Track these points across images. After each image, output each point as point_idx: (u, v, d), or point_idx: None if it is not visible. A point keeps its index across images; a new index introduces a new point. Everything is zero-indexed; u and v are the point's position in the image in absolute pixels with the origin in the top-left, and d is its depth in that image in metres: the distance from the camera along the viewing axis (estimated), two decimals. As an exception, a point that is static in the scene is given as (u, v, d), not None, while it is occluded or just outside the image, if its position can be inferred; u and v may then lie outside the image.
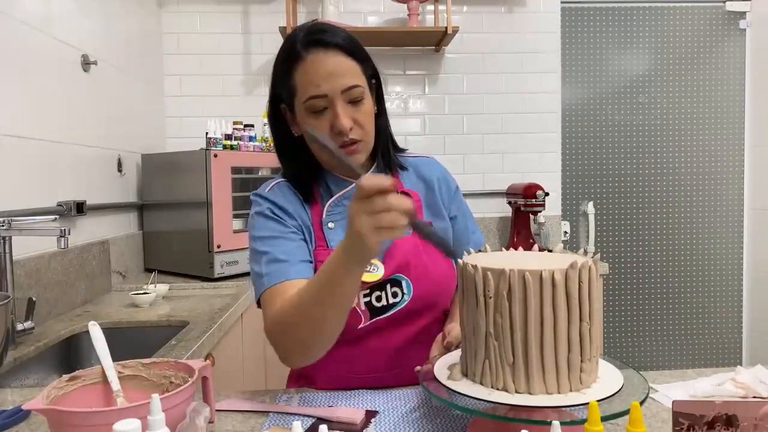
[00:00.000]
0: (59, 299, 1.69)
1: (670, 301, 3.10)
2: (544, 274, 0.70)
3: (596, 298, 0.75)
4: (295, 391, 1.01)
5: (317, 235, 1.07)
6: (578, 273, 0.72)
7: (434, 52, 2.90)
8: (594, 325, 0.74)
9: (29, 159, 1.61)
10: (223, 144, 2.29)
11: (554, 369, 0.72)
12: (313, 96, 0.97)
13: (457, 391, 0.74)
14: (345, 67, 0.98)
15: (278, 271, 0.99)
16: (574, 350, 0.72)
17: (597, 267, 0.76)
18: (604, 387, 0.74)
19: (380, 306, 1.04)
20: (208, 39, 2.81)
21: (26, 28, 1.61)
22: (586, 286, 0.73)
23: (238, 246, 2.18)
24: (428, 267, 1.07)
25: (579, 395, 0.72)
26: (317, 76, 0.97)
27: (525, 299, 0.71)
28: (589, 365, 0.74)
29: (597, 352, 0.76)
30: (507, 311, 0.72)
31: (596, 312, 0.75)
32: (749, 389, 0.90)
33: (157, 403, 0.62)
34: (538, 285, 0.71)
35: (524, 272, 0.71)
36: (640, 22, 3.03)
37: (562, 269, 0.71)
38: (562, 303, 0.71)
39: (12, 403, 1.00)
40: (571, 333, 0.72)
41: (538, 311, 0.71)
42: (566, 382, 0.72)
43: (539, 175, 2.89)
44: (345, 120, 0.97)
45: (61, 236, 1.33)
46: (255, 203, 1.09)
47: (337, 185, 1.10)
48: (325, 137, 0.90)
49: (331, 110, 0.98)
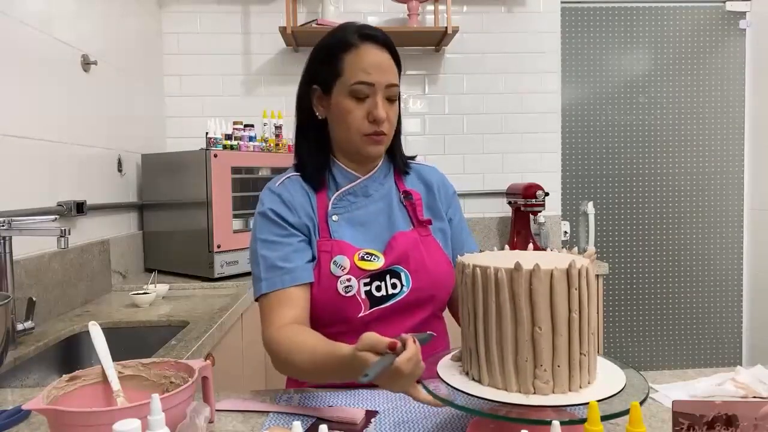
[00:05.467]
0: (59, 299, 1.69)
1: (670, 301, 3.09)
2: (527, 271, 0.71)
3: (589, 299, 0.74)
4: (295, 391, 1.02)
5: (321, 226, 1.11)
6: (568, 274, 0.71)
7: (434, 52, 2.90)
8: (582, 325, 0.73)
9: (29, 159, 1.61)
10: (223, 144, 2.29)
11: (551, 367, 0.72)
12: (361, 81, 1.04)
13: (458, 389, 0.75)
14: (390, 66, 1.07)
15: (276, 279, 1.05)
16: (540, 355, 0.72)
17: (592, 269, 0.75)
18: (605, 387, 0.74)
19: (380, 296, 1.07)
20: (208, 39, 2.81)
21: (26, 28, 1.61)
22: (569, 289, 0.72)
23: (238, 246, 2.18)
24: (426, 261, 1.11)
25: (578, 395, 0.72)
26: (369, 65, 1.04)
27: (497, 296, 0.73)
28: (546, 374, 0.72)
29: (562, 359, 0.73)
30: (493, 309, 0.73)
31: (574, 314, 0.73)
32: (749, 389, 0.90)
33: (157, 403, 0.62)
34: (509, 281, 0.72)
35: (499, 269, 0.72)
36: (640, 22, 3.03)
37: (554, 268, 0.71)
38: (543, 304, 0.71)
39: (12, 403, 1.00)
40: (533, 336, 0.72)
41: (527, 309, 0.71)
42: (560, 381, 0.72)
43: (539, 175, 2.89)
44: (384, 111, 1.05)
45: (61, 236, 1.33)
46: (260, 202, 1.13)
47: (344, 178, 1.14)
48: (379, 365, 0.76)
49: (372, 99, 1.05)
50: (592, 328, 0.75)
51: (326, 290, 1.06)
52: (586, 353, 0.74)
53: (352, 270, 1.06)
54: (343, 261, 1.06)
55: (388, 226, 1.13)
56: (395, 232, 1.12)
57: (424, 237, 1.13)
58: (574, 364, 0.73)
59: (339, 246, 1.08)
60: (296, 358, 0.95)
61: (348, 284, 1.05)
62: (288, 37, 2.63)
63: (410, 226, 1.14)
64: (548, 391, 0.72)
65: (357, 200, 1.13)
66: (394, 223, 1.13)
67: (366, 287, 1.07)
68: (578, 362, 0.73)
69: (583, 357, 0.74)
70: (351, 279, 1.06)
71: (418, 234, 1.13)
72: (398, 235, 1.11)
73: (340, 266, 1.06)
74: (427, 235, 1.14)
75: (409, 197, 1.16)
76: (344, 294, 1.05)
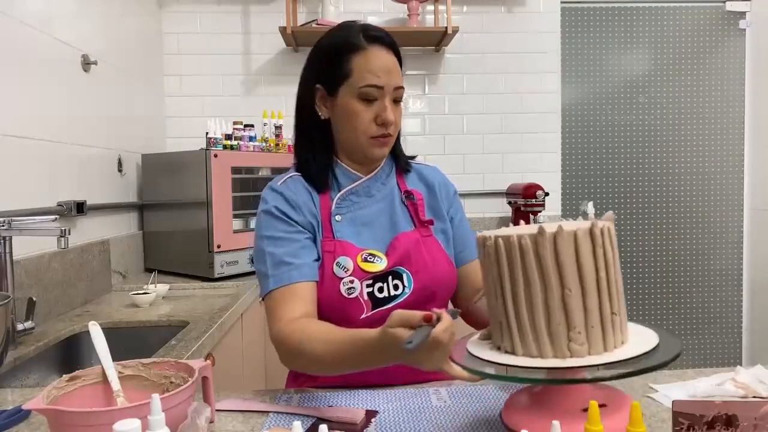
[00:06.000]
0: (59, 299, 1.69)
1: (669, 300, 3.10)
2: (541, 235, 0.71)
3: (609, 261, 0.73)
4: (295, 391, 1.02)
5: (325, 226, 1.10)
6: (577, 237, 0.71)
7: (434, 52, 2.90)
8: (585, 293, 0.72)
9: (29, 159, 1.61)
10: (223, 144, 2.29)
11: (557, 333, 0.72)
12: (371, 84, 1.04)
13: (493, 361, 0.74)
14: (397, 68, 1.09)
15: (284, 274, 1.04)
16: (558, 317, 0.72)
17: (612, 229, 0.74)
18: (640, 345, 0.73)
19: (382, 297, 1.07)
20: (208, 39, 2.81)
21: (26, 28, 1.61)
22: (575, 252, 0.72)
23: (238, 246, 2.18)
24: (428, 262, 1.11)
25: (614, 354, 0.71)
26: (378, 68, 1.05)
27: (521, 261, 0.72)
28: (580, 336, 0.71)
29: (594, 319, 0.72)
30: (511, 275, 0.73)
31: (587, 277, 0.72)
32: (749, 389, 0.90)
33: (157, 403, 0.62)
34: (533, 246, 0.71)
35: (522, 236, 0.71)
36: (640, 22, 3.03)
37: (576, 229, 0.71)
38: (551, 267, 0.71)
39: (12, 403, 1.00)
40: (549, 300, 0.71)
41: (538, 274, 0.71)
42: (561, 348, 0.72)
43: (539, 175, 2.89)
44: (392, 114, 1.06)
45: (61, 236, 1.33)
46: (263, 200, 1.12)
47: (346, 178, 1.13)
48: (419, 335, 0.77)
49: (381, 102, 1.06)
50: (619, 288, 0.75)
51: (329, 291, 1.06)
52: (618, 312, 0.73)
53: (355, 272, 1.06)
54: (346, 262, 1.06)
55: (390, 226, 1.13)
56: (397, 233, 1.11)
57: (425, 237, 1.13)
58: (607, 324, 0.72)
59: (342, 246, 1.08)
60: (311, 347, 0.93)
61: (351, 286, 1.05)
62: (288, 37, 2.63)
63: (412, 226, 1.14)
64: (584, 353, 0.71)
65: (360, 200, 1.13)
66: (396, 223, 1.13)
67: (368, 288, 1.07)
68: (610, 322, 0.72)
69: (615, 316, 0.73)
70: (354, 281, 1.05)
71: (420, 234, 1.13)
72: (400, 236, 1.11)
73: (343, 268, 1.06)
74: (429, 235, 1.14)
75: (410, 197, 1.16)
76: (347, 296, 1.05)
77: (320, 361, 0.94)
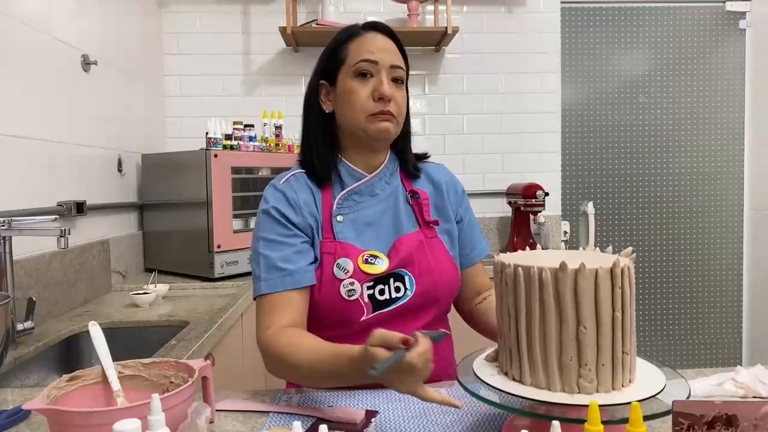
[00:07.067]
0: (59, 299, 1.69)
1: (669, 301, 3.09)
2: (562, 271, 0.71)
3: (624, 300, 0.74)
4: (295, 391, 1.01)
5: (325, 226, 1.09)
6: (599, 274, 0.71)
7: (434, 52, 2.90)
8: (601, 329, 0.73)
9: (29, 159, 1.61)
10: (223, 144, 2.29)
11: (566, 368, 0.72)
12: (364, 59, 1.05)
13: (502, 389, 0.74)
14: (395, 50, 1.08)
15: (276, 280, 1.03)
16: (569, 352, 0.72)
17: (632, 268, 0.75)
18: (646, 386, 0.74)
19: (383, 299, 1.06)
20: (208, 39, 2.81)
21: (26, 27, 1.61)
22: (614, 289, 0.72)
23: (238, 246, 2.18)
24: (431, 264, 1.09)
25: (622, 394, 0.72)
26: (373, 46, 1.06)
27: (540, 294, 0.72)
28: (590, 373, 0.72)
29: (606, 357, 0.73)
30: (526, 307, 0.73)
31: (605, 315, 0.72)
32: (749, 389, 0.90)
33: (157, 403, 0.62)
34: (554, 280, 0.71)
35: (543, 269, 0.71)
36: (640, 22, 3.03)
37: (599, 267, 0.71)
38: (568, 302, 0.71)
39: (12, 403, 1.00)
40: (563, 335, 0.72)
41: (555, 310, 0.71)
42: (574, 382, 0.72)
43: (539, 175, 2.89)
44: (389, 88, 1.04)
45: (61, 236, 1.33)
46: (264, 199, 1.11)
47: (350, 176, 1.12)
48: (391, 359, 0.75)
49: (377, 77, 1.05)
50: (633, 327, 0.75)
51: (328, 293, 1.05)
52: (628, 352, 0.74)
53: (356, 273, 1.04)
54: (347, 264, 1.04)
55: (393, 227, 1.11)
56: (400, 234, 1.10)
57: (429, 239, 1.11)
58: (617, 363, 0.73)
59: (343, 248, 1.06)
60: (294, 360, 0.93)
61: (351, 288, 1.04)
62: (288, 37, 2.63)
63: (416, 226, 1.12)
64: (593, 390, 0.72)
65: (362, 200, 1.11)
66: (399, 224, 1.11)
67: (369, 291, 1.05)
68: (621, 361, 0.73)
69: (626, 356, 0.74)
70: (354, 283, 1.04)
71: (424, 235, 1.11)
72: (403, 238, 1.09)
73: (343, 269, 1.04)
74: (433, 236, 1.12)
75: (416, 197, 1.14)
76: (347, 298, 1.04)
77: (303, 375, 0.95)
